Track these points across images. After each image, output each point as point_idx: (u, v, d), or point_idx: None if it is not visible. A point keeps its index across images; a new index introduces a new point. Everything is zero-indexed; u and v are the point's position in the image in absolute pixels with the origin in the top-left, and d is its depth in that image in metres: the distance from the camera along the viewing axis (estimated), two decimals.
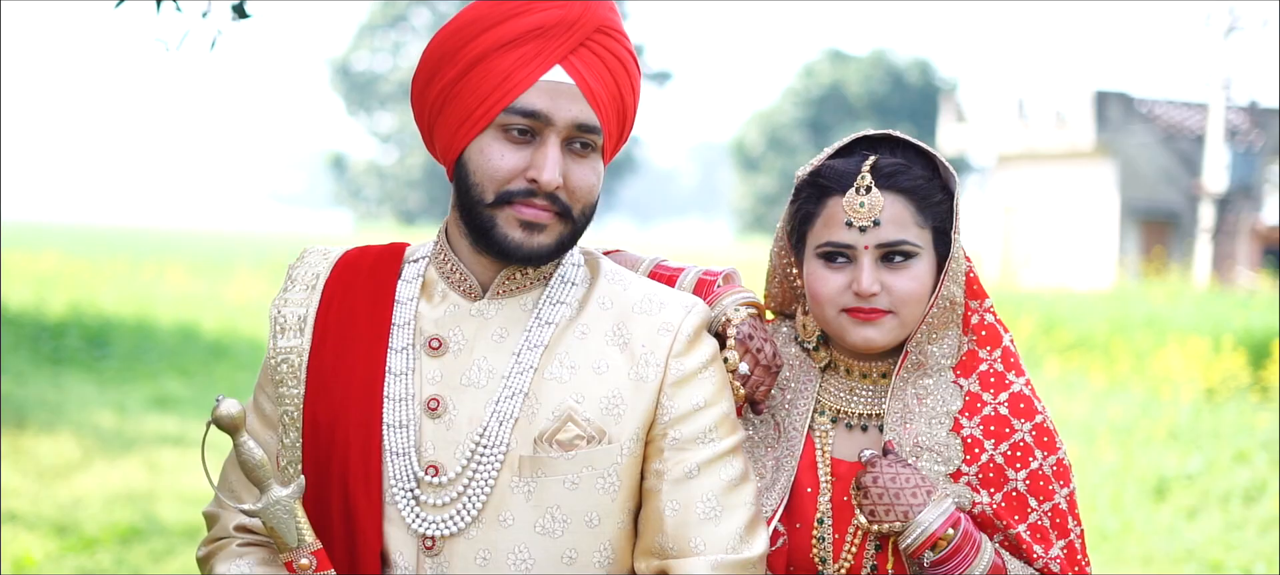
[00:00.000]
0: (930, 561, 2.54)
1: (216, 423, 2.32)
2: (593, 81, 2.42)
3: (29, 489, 10.48)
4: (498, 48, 2.39)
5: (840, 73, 56.41)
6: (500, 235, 2.41)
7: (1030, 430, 2.64)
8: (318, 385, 2.47)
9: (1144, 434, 13.56)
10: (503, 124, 2.39)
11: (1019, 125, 37.94)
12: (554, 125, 2.40)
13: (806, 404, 2.74)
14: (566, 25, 2.40)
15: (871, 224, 2.62)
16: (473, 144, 2.41)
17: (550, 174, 2.38)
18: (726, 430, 2.49)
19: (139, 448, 12.07)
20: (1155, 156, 36.01)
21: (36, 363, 18.01)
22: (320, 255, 2.60)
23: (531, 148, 2.40)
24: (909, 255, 2.63)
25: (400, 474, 2.41)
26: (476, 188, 2.41)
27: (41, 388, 15.74)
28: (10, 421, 13.14)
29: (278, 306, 2.54)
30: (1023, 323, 20.32)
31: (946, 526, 2.53)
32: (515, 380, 2.43)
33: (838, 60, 57.34)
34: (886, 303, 2.63)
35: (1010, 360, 2.71)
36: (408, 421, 2.43)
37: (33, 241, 46.64)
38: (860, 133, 2.73)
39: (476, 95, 2.39)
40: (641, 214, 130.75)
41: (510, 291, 2.49)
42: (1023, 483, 2.62)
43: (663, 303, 2.51)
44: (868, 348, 2.67)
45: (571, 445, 2.41)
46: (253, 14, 5.11)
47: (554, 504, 2.40)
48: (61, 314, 22.63)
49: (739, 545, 2.43)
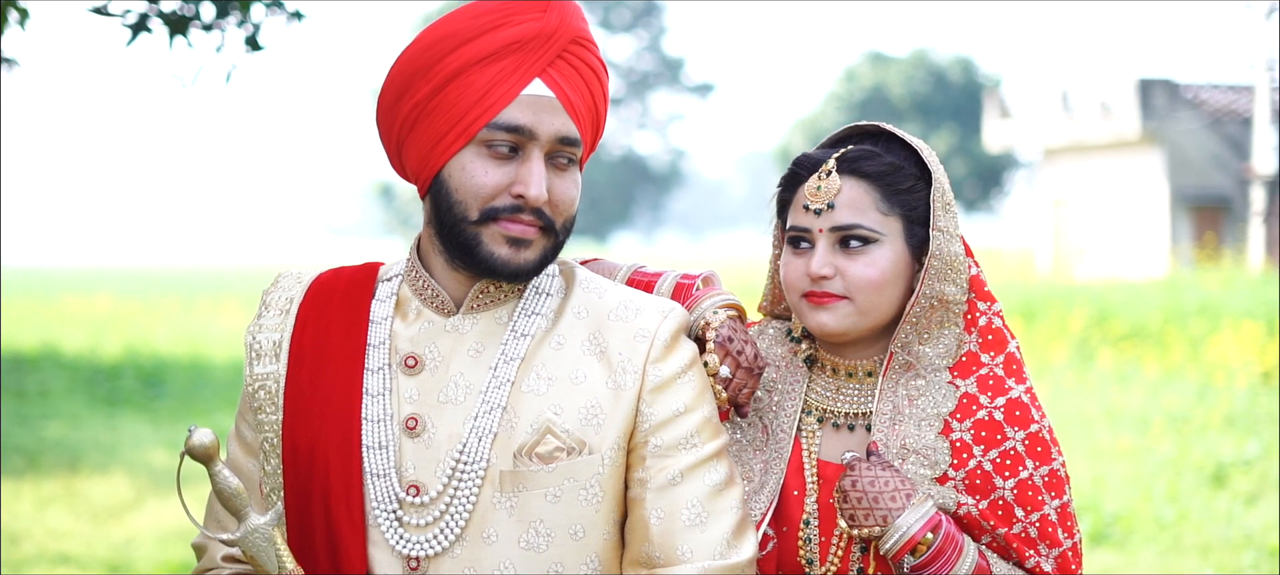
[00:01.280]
0: (910, 566, 2.50)
1: (190, 453, 2.30)
2: (571, 93, 2.41)
3: (83, 531, 10.55)
4: (475, 62, 2.36)
5: (881, 75, 56.25)
6: (486, 253, 2.39)
7: (1023, 439, 2.58)
8: (295, 410, 2.45)
9: (1200, 421, 13.44)
10: (485, 140, 2.37)
11: (1064, 118, 37.67)
12: (537, 139, 2.38)
13: (794, 405, 2.70)
14: (544, 38, 2.38)
15: (826, 207, 2.60)
16: (453, 161, 2.38)
17: (537, 189, 2.36)
18: (709, 435, 2.45)
19: (192, 486, 12.11)
20: (1203, 142, 35.67)
21: (92, 405, 18.16)
22: (294, 279, 2.58)
23: (514, 163, 2.38)
24: (867, 241, 2.59)
25: (382, 496, 2.39)
26: (460, 205, 2.38)
27: (96, 430, 15.85)
28: (63, 464, 13.25)
29: (252, 333, 2.53)
30: (1076, 315, 20.19)
31: (926, 530, 2.49)
32: (492, 395, 2.40)
33: (878, 62, 57.19)
34: (840, 287, 2.60)
35: (1013, 366, 2.64)
36: (387, 442, 2.41)
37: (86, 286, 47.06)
38: (852, 125, 2.71)
39: (454, 111, 2.36)
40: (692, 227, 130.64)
41: (485, 305, 2.47)
42: (1011, 492, 2.56)
43: (639, 309, 2.48)
44: (823, 333, 2.63)
45: (551, 458, 2.38)
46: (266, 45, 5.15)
47: (537, 518, 2.37)
48: (116, 356, 22.84)
49: (727, 550, 2.39)
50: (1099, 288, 24.59)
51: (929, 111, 54.97)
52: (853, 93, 55.80)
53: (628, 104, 69.06)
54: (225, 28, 5.21)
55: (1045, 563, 2.57)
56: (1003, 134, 40.69)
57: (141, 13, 5.20)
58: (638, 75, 69.01)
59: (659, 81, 69.46)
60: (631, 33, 68.61)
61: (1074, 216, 37.74)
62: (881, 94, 55.57)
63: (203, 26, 5.23)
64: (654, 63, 69.19)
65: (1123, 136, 35.98)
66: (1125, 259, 34.42)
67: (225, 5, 5.13)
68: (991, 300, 2.67)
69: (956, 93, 55.23)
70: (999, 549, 2.57)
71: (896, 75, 55.87)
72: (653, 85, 69.40)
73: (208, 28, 5.23)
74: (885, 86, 55.73)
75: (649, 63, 69.12)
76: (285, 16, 5.23)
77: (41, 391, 19.16)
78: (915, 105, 55.08)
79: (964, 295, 2.63)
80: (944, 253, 2.60)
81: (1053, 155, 38.74)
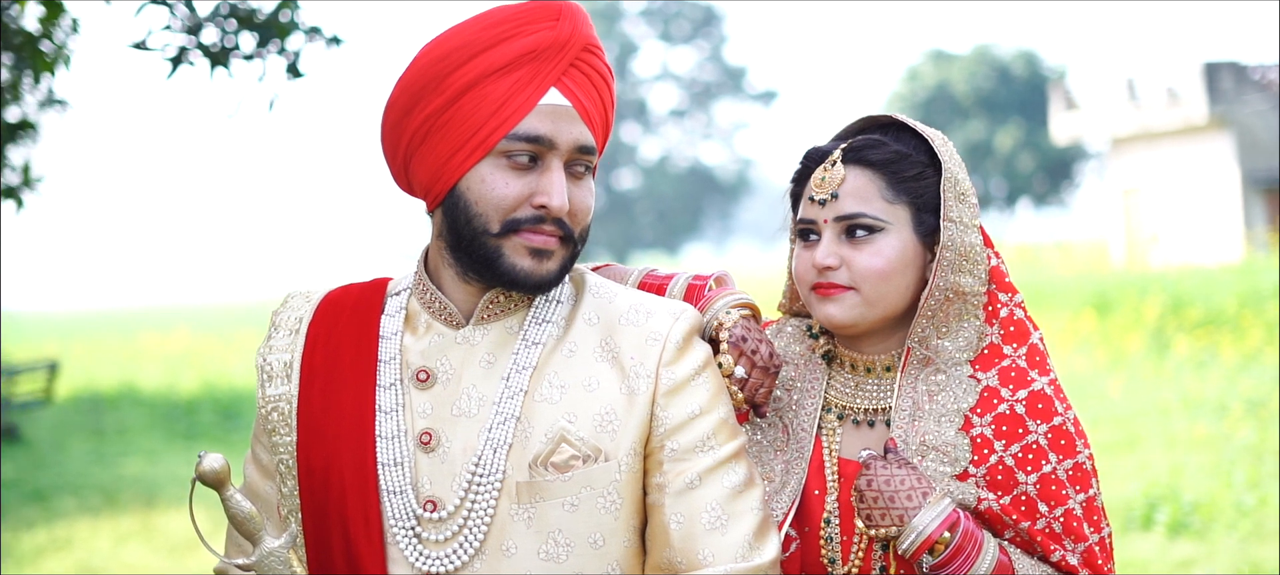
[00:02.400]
0: (929, 565, 2.44)
1: (201, 479, 2.29)
2: (586, 101, 2.39)
3: (161, 566, 10.65)
4: (490, 73, 2.34)
5: (945, 73, 55.89)
6: (509, 265, 2.36)
7: (1046, 432, 2.52)
8: (309, 430, 2.43)
9: None
10: (505, 151, 2.34)
11: (1131, 107, 37.31)
12: (557, 149, 2.36)
13: (814, 403, 2.66)
14: (558, 46, 2.36)
15: (831, 197, 2.57)
16: (471, 173, 2.35)
17: (560, 199, 2.34)
18: (726, 436, 2.41)
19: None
20: (1273, 123, 35.18)
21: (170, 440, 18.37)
22: (303, 298, 2.57)
23: (534, 173, 2.36)
24: (872, 230, 2.55)
25: (399, 512, 2.36)
26: (480, 218, 2.35)
27: (174, 465, 16.02)
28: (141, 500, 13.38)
29: (263, 355, 2.52)
30: (1151, 304, 19.98)
31: (943, 529, 2.43)
32: (506, 405, 2.37)
33: (941, 60, 56.82)
34: (845, 278, 2.56)
35: (1036, 358, 2.58)
36: (402, 458, 2.38)
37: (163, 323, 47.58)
38: (865, 117, 2.68)
39: (470, 123, 2.34)
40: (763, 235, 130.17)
41: (495, 315, 2.44)
42: (1033, 487, 2.50)
43: (650, 312, 2.45)
44: (831, 325, 2.59)
45: (567, 466, 2.34)
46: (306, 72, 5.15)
47: (555, 528, 2.33)
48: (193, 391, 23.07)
49: (749, 552, 2.35)
50: (1173, 275, 24.32)
51: (994, 107, 54.59)
52: (916, 92, 55.52)
53: (692, 115, 69.00)
54: (265, 56, 5.23)
55: (1071, 557, 2.50)
56: (1070, 126, 40.35)
57: (180, 46, 5.23)
58: (700, 86, 68.96)
59: (722, 91, 69.36)
60: (692, 44, 68.59)
61: (1145, 205, 37.36)
62: (945, 92, 55.26)
63: (243, 56, 5.24)
64: (716, 73, 69.11)
65: (1191, 121, 35.59)
66: (1199, 245, 34.03)
67: (265, 35, 5.14)
68: (1013, 291, 2.61)
69: (1021, 87, 54.79)
70: (1023, 544, 2.51)
71: (960, 72, 55.49)
72: (716, 95, 69.31)
73: (248, 58, 5.24)
74: (949, 84, 55.39)
75: (711, 73, 69.05)
76: (324, 42, 5.24)
77: (120, 429, 19.41)
78: (980, 101, 54.72)
79: (982, 287, 2.58)
80: (957, 243, 2.55)
81: (1121, 144, 38.37)
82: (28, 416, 20.63)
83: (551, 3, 2.40)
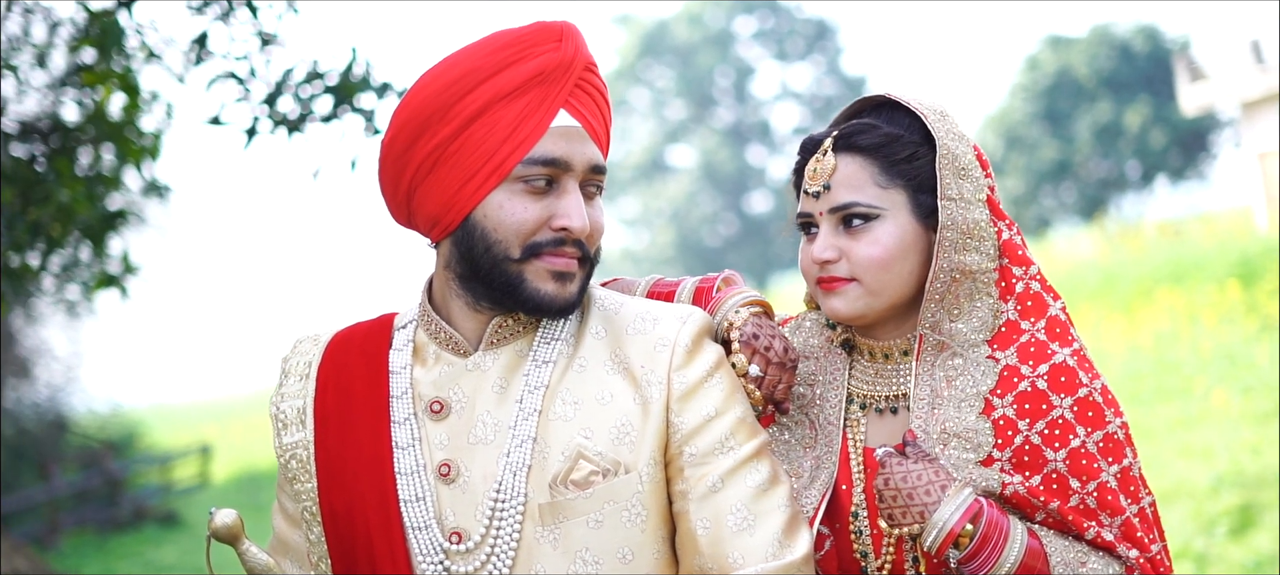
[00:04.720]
0: (956, 560, 2.36)
1: (214, 535, 2.29)
2: (592, 119, 2.39)
3: None
4: (500, 98, 2.32)
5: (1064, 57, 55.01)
6: (532, 290, 2.35)
7: (1071, 405, 2.42)
8: (329, 474, 2.42)
9: None
10: (521, 176, 2.33)
11: (1258, 70, 36.49)
12: (573, 170, 2.35)
13: (838, 396, 2.60)
14: (564, 67, 2.35)
15: (823, 188, 2.51)
16: (487, 200, 2.34)
17: (580, 221, 2.33)
18: (745, 435, 2.37)
19: None
20: None
21: None
22: (311, 342, 2.57)
23: (550, 197, 2.34)
24: (868, 218, 2.49)
25: (426, 548, 2.35)
26: (499, 244, 2.34)
27: None
28: None
29: (276, 403, 2.52)
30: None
31: (965, 521, 2.34)
32: (521, 427, 2.35)
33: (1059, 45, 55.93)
34: (846, 270, 2.50)
35: (1056, 330, 2.48)
36: (424, 493, 2.36)
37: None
38: (861, 98, 2.62)
39: (483, 150, 2.33)
40: None
41: (504, 340, 2.42)
42: (1063, 463, 2.40)
43: (657, 318, 2.42)
44: (838, 318, 2.53)
45: (587, 482, 2.31)
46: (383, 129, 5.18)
47: (582, 547, 2.30)
48: None
49: (779, 551, 2.30)
50: None
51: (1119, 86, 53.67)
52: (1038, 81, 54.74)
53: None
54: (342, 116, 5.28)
55: (1107, 532, 2.40)
56: (1198, 96, 39.50)
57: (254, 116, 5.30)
58: (821, 101, 68.64)
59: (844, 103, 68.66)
60: (808, 60, 68.37)
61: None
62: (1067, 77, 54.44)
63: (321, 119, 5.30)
64: (836, 86, 68.73)
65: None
66: None
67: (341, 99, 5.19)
68: (1028, 264, 2.52)
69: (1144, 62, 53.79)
70: (1055, 525, 2.41)
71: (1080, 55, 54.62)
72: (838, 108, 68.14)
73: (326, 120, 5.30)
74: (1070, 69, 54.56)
75: (830, 87, 68.69)
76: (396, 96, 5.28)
77: None
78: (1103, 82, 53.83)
79: (991, 263, 2.49)
80: (958, 221, 2.47)
81: (1251, 108, 37.49)
82: (187, 501, 21.07)
83: (550, 24, 2.39)
